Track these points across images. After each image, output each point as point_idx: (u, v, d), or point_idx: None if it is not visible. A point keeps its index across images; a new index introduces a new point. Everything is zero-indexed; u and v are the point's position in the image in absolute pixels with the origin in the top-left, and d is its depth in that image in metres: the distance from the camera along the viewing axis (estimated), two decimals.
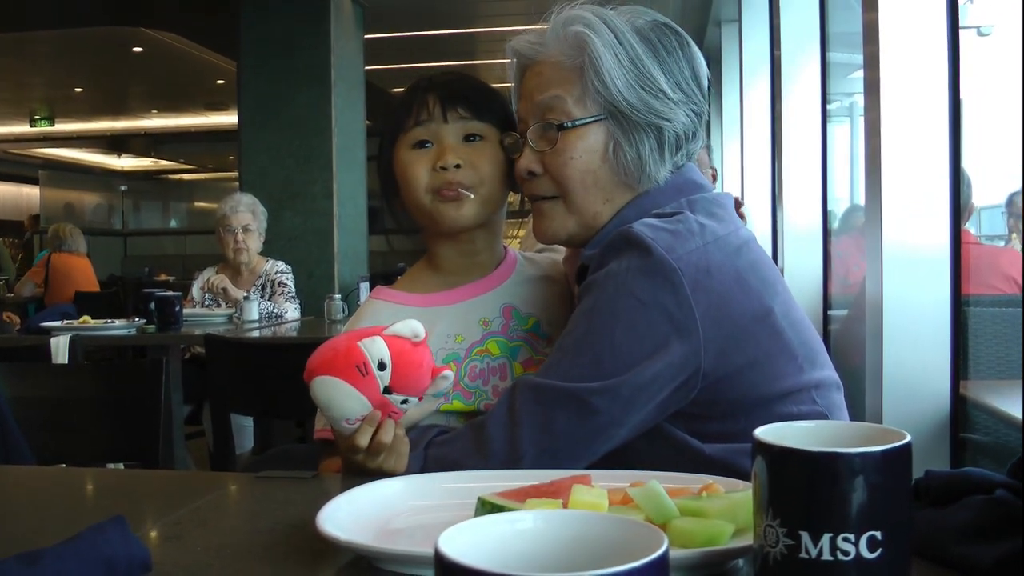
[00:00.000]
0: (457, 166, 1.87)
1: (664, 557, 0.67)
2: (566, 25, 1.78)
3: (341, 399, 1.49)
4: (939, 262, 3.03)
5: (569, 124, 1.78)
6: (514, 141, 1.87)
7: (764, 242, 6.12)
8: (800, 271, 5.30)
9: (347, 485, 1.37)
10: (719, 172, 7.89)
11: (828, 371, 1.79)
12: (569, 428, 1.61)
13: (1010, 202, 5.54)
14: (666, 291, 1.61)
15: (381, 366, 1.49)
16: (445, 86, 1.93)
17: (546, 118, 1.80)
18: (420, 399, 1.58)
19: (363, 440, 1.53)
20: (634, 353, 1.61)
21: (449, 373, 1.60)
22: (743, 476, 1.46)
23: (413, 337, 1.53)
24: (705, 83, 1.84)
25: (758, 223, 6.40)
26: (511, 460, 1.60)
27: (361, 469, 1.58)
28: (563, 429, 1.61)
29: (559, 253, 2.08)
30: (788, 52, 5.39)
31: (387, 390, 1.50)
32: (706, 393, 1.65)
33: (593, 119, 1.77)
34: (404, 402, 1.54)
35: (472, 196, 1.88)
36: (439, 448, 1.67)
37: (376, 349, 1.50)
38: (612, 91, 1.74)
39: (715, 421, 1.68)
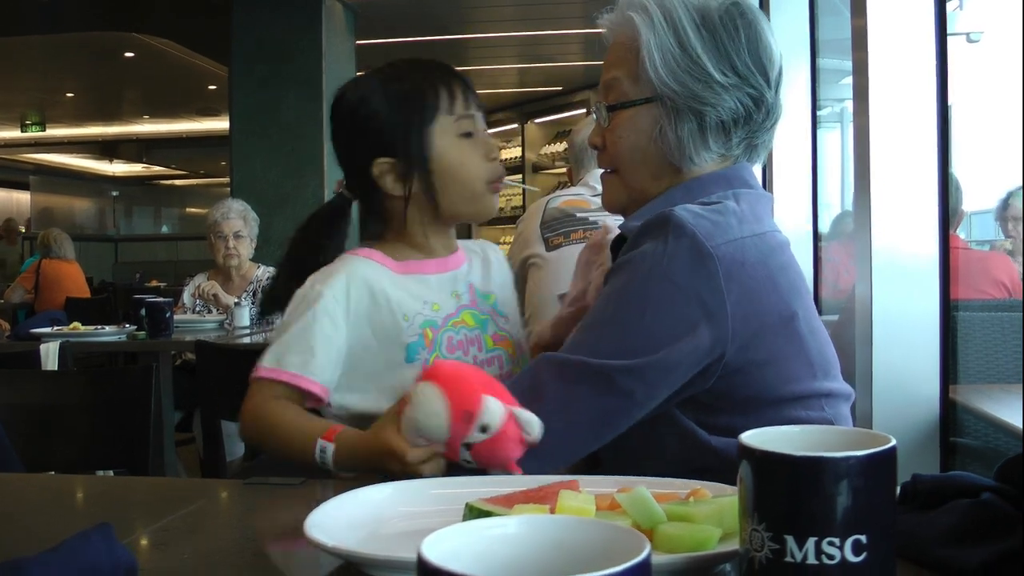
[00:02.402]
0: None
1: (646, 561, 0.67)
2: (625, 8, 1.86)
3: (431, 416, 1.49)
4: (928, 267, 3.04)
5: (618, 105, 1.87)
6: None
7: None
8: None
9: (336, 491, 1.36)
10: None
11: (840, 383, 1.83)
12: (592, 405, 1.63)
13: (1006, 205, 5.54)
14: (701, 276, 1.64)
15: (483, 429, 1.48)
16: (460, 76, 2.01)
17: (607, 97, 1.90)
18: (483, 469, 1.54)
19: (424, 466, 1.51)
20: (663, 335, 1.63)
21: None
22: None
23: (526, 434, 1.51)
24: (772, 66, 1.86)
25: None
26: None
27: (377, 463, 1.57)
28: (586, 406, 1.64)
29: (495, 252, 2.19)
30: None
31: (467, 446, 1.49)
32: (722, 383, 1.67)
33: (642, 101, 1.84)
34: (468, 462, 1.51)
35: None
36: None
37: (491, 414, 1.49)
38: (657, 74, 1.79)
39: (725, 414, 1.70)
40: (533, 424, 1.51)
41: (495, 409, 1.49)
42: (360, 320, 1.88)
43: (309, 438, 1.66)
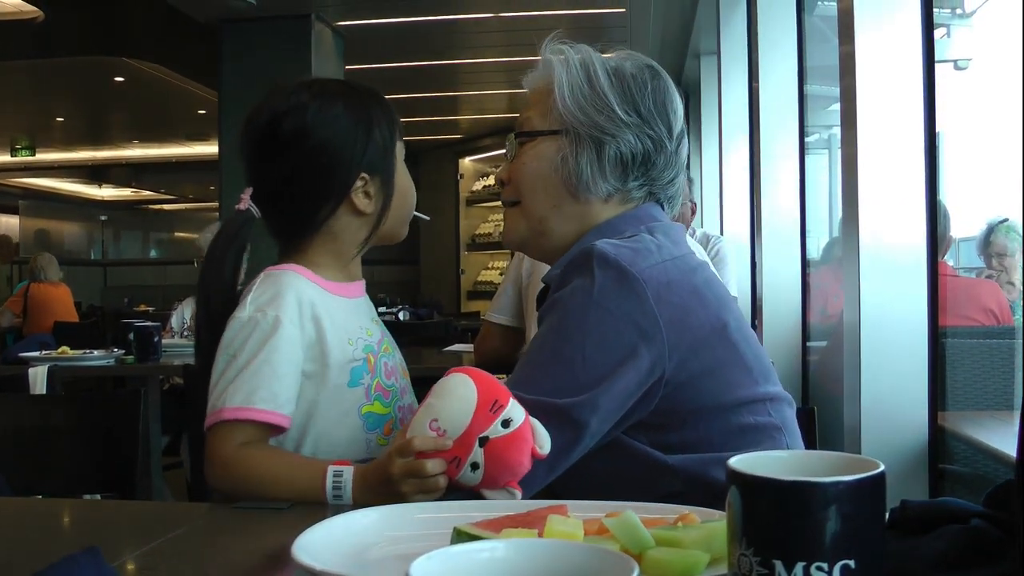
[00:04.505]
0: None
1: None
2: (543, 53, 1.96)
3: (455, 400, 1.50)
4: (917, 294, 3.04)
5: (526, 134, 1.96)
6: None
7: (743, 273, 6.14)
8: (779, 302, 5.31)
9: (323, 515, 1.36)
10: (699, 205, 7.90)
11: (780, 388, 1.86)
12: (552, 440, 1.60)
13: (988, 241, 5.52)
14: (631, 301, 1.69)
15: (505, 423, 1.49)
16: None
17: (516, 136, 1.98)
18: (481, 481, 1.52)
19: (429, 463, 1.50)
20: (607, 363, 1.67)
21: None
22: (706, 485, 1.66)
23: (538, 447, 1.52)
24: (673, 119, 1.94)
25: (737, 255, 6.41)
26: None
27: (381, 471, 1.56)
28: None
29: None
30: (766, 84, 5.42)
31: (483, 441, 1.48)
32: (666, 401, 1.71)
33: (548, 132, 1.92)
34: (474, 468, 1.50)
35: None
36: None
37: (517, 410, 1.51)
38: (565, 106, 1.89)
39: (675, 431, 1.73)
40: (545, 438, 1.53)
41: (520, 407, 1.51)
42: (313, 343, 1.85)
43: (314, 471, 1.64)
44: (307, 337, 1.83)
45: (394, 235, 2.03)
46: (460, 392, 1.49)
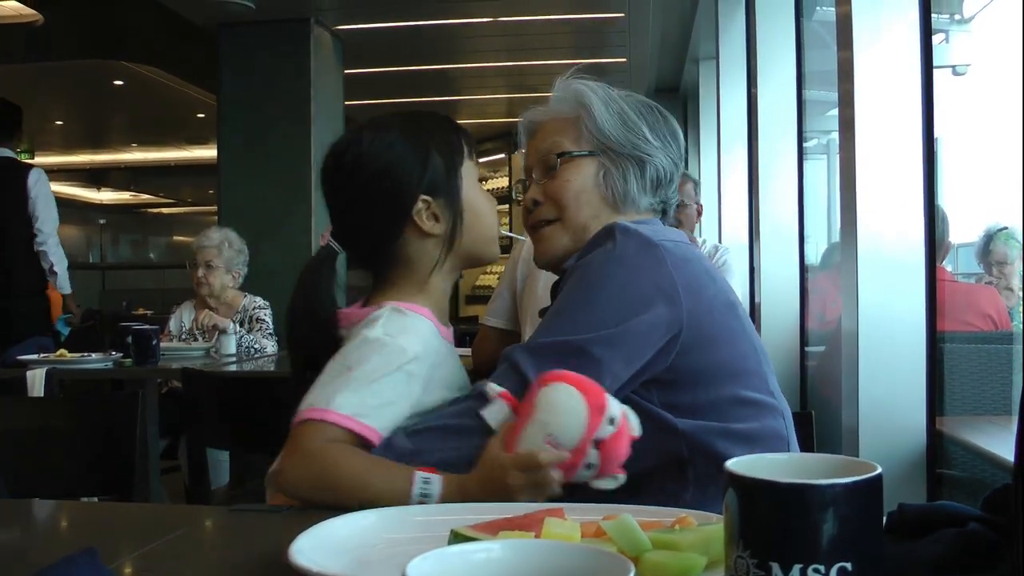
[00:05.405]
0: None
1: None
2: (567, 88, 2.13)
3: (567, 414, 1.52)
4: (915, 299, 3.05)
5: (568, 154, 2.07)
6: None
7: (741, 278, 6.14)
8: (777, 307, 5.31)
9: (321, 518, 1.36)
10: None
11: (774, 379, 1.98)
12: None
13: (987, 248, 5.51)
14: (652, 262, 1.82)
15: (611, 421, 1.53)
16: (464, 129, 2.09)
17: (547, 159, 2.10)
18: (594, 476, 1.56)
19: (554, 473, 1.53)
20: (624, 310, 1.77)
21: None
22: (709, 454, 1.78)
23: (634, 431, 1.58)
24: (682, 146, 2.15)
25: (736, 260, 6.41)
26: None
27: (494, 484, 1.57)
28: None
29: None
30: (765, 89, 5.42)
31: (596, 443, 1.52)
32: (681, 358, 1.81)
33: (586, 153, 2.07)
34: (588, 468, 1.54)
35: None
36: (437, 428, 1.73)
37: (615, 405, 1.56)
38: (603, 130, 2.05)
39: (686, 392, 1.83)
40: (636, 419, 1.58)
41: (615, 401, 1.57)
42: (434, 383, 1.85)
43: (401, 473, 1.62)
44: (424, 380, 1.83)
45: (478, 255, 2.04)
46: (570, 405, 1.53)
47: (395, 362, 1.78)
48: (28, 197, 7.29)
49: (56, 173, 22.70)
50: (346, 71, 10.13)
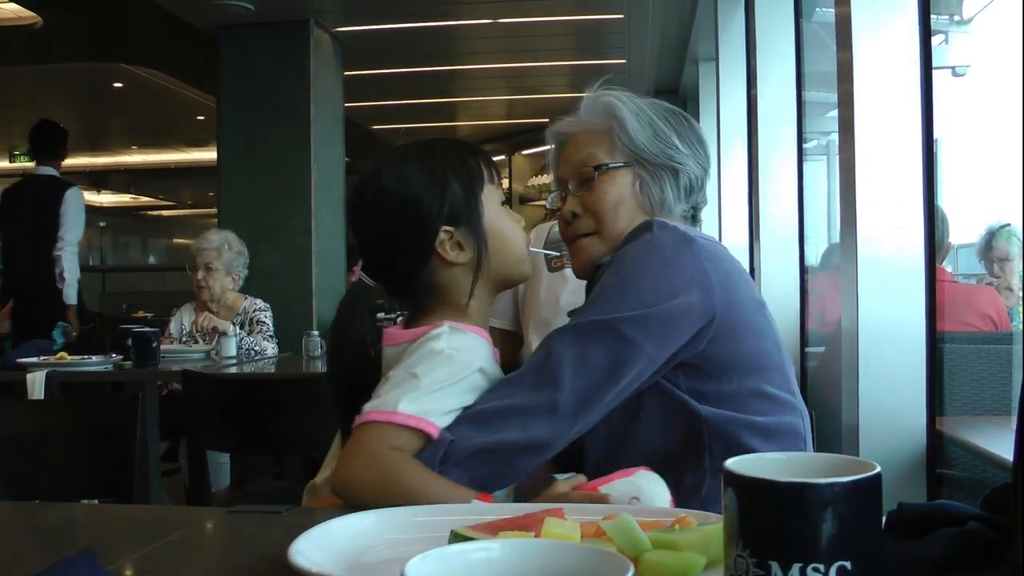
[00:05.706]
0: None
1: None
2: (597, 100, 2.20)
3: (660, 501, 1.59)
4: (915, 299, 3.04)
5: (604, 167, 2.14)
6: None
7: None
8: (777, 308, 5.29)
9: (320, 519, 1.36)
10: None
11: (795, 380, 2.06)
12: (604, 355, 1.78)
13: (989, 245, 5.51)
14: (686, 254, 1.90)
15: None
16: (483, 152, 2.10)
17: (582, 171, 2.17)
18: None
19: None
20: (658, 294, 1.84)
21: None
22: (727, 442, 1.86)
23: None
24: (708, 150, 2.24)
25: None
26: (552, 388, 1.75)
27: None
28: (599, 359, 1.78)
29: None
30: (764, 90, 5.42)
31: None
32: (712, 346, 1.88)
33: (622, 164, 2.14)
34: None
35: None
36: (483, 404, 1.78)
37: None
38: (636, 142, 2.13)
39: (713, 380, 1.91)
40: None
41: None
42: None
43: (461, 497, 1.61)
44: (481, 394, 1.85)
45: (509, 277, 2.05)
46: (663, 494, 1.60)
47: (460, 374, 1.81)
48: (61, 212, 7.64)
49: None
50: (346, 73, 10.13)
